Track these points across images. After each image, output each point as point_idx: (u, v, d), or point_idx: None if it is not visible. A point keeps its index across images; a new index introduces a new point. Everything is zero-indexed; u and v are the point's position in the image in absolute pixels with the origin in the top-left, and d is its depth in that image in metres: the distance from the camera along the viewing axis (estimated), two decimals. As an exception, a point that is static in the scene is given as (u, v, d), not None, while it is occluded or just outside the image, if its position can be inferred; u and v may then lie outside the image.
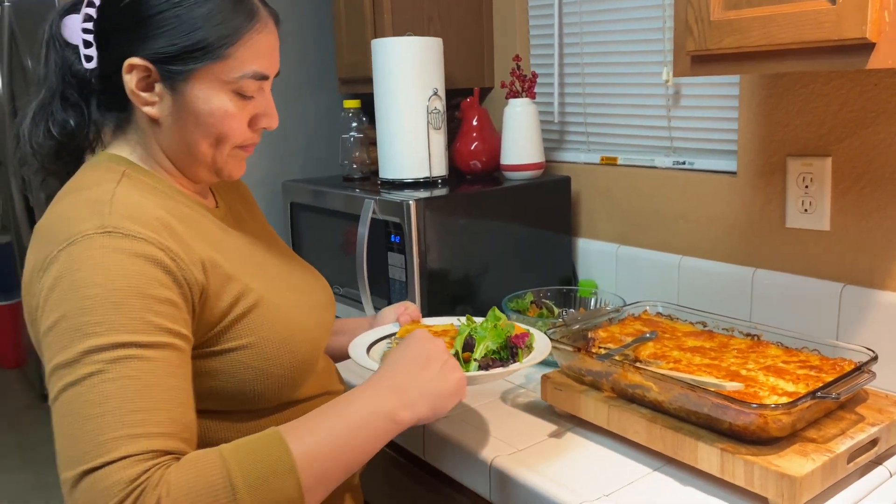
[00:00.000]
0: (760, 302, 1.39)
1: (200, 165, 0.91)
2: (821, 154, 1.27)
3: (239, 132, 0.90)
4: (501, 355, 1.06)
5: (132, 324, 0.73)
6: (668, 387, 0.99)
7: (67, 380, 0.71)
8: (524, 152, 1.66)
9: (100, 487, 0.66)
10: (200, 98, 0.86)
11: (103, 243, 0.76)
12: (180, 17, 0.84)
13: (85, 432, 0.68)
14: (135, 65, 0.84)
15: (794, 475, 0.86)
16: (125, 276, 0.75)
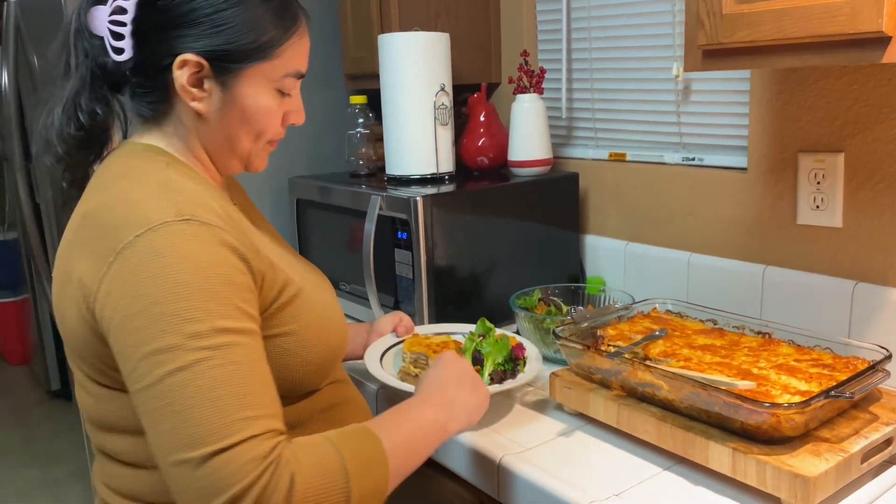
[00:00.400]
0: (771, 299, 1.37)
1: (235, 158, 0.95)
2: (833, 150, 1.26)
3: (275, 128, 0.94)
4: (506, 367, 1.18)
5: (225, 310, 0.75)
6: (679, 385, 0.98)
7: (173, 365, 0.71)
8: (532, 148, 1.65)
9: (234, 466, 0.69)
10: (249, 95, 0.89)
11: (185, 231, 0.77)
12: (238, 17, 0.86)
13: (205, 415, 0.70)
14: (188, 60, 0.86)
15: (808, 475, 0.85)
16: (212, 264, 0.76)
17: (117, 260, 0.76)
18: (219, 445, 0.69)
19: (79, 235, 0.82)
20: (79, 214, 0.84)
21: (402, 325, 1.29)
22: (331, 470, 0.75)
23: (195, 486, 0.69)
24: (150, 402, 0.72)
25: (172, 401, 0.71)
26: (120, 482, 0.87)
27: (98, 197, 0.83)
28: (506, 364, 1.18)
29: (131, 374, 0.74)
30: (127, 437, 0.84)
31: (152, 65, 0.87)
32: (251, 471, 0.69)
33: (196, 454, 0.69)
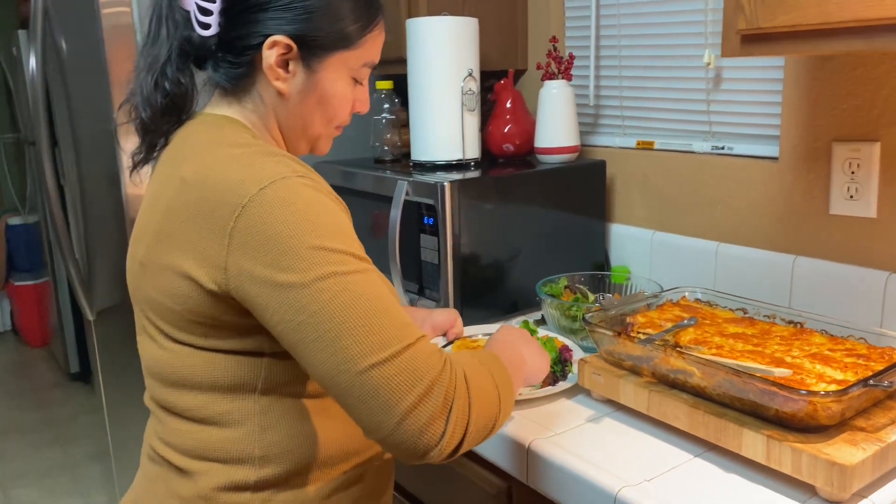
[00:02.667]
0: (800, 290, 1.36)
1: (305, 139, 0.98)
2: (869, 139, 1.24)
3: (345, 113, 0.98)
4: (555, 369, 1.20)
5: (354, 245, 0.82)
6: (712, 372, 0.98)
7: (336, 289, 0.76)
8: (559, 135, 1.64)
9: (424, 355, 0.77)
10: (329, 80, 0.93)
11: (305, 183, 0.81)
12: (330, 6, 0.90)
13: (382, 323, 0.77)
14: (278, 42, 0.88)
15: (845, 464, 0.84)
16: (334, 211, 0.82)
17: (244, 214, 0.78)
18: (403, 343, 0.77)
19: (182, 200, 0.83)
20: (175, 180, 0.85)
21: (453, 331, 1.32)
22: (480, 369, 0.84)
23: (394, 382, 0.75)
24: (320, 326, 0.76)
25: (345, 318, 0.76)
26: (185, 438, 0.88)
27: (198, 161, 0.85)
28: (555, 366, 1.20)
29: (290, 310, 0.76)
30: (199, 393, 0.86)
31: (242, 42, 0.89)
32: (437, 361, 0.78)
33: (385, 354, 0.75)
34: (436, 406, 0.75)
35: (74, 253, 2.19)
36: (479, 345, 1.30)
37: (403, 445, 0.75)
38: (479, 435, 0.81)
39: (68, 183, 2.31)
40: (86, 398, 3.64)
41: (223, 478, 0.86)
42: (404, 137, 1.79)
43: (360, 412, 0.76)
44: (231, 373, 0.85)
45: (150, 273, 0.86)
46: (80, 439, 3.25)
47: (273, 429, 0.86)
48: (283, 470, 0.87)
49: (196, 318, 0.83)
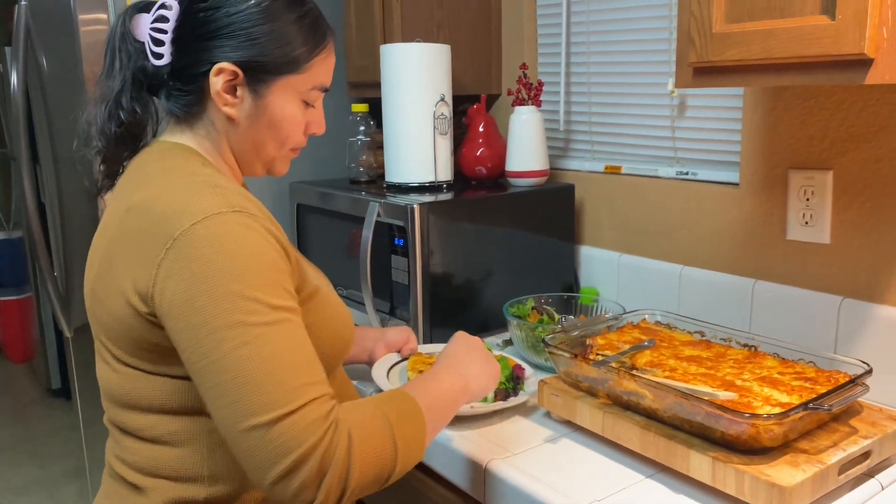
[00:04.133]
0: (760, 313, 1.39)
1: (259, 162, 1.00)
2: (822, 167, 1.28)
3: (298, 136, 1.00)
4: (508, 386, 1.23)
5: (276, 290, 0.82)
6: (663, 395, 1.00)
7: (238, 341, 0.78)
8: (529, 159, 1.67)
9: (299, 428, 0.76)
10: (277, 104, 0.95)
11: (238, 220, 0.83)
12: (273, 32, 0.92)
13: (271, 384, 0.77)
14: (224, 69, 0.91)
15: (785, 485, 0.87)
16: (263, 250, 0.83)
17: (174, 246, 0.80)
18: (285, 409, 0.76)
19: (125, 228, 0.86)
20: (121, 208, 0.89)
21: (407, 347, 1.36)
22: (378, 424, 0.83)
23: (267, 449, 0.76)
24: (218, 375, 0.78)
25: (238, 373, 0.77)
26: (137, 456, 0.91)
27: (144, 191, 0.88)
28: (507, 383, 1.23)
29: (195, 351, 0.79)
30: (149, 414, 0.89)
31: (190, 70, 0.92)
32: (316, 430, 0.77)
33: (265, 418, 0.76)
34: (307, 475, 0.76)
35: (53, 269, 2.20)
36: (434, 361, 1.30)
37: (280, 500, 0.77)
38: (366, 491, 0.82)
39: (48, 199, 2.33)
40: (66, 414, 3.63)
41: (173, 495, 0.88)
42: (379, 159, 1.82)
43: (242, 463, 0.78)
44: (178, 396, 0.87)
45: (99, 299, 0.89)
46: (58, 456, 3.23)
47: (222, 449, 0.88)
48: (232, 489, 0.89)
49: (141, 343, 0.85)
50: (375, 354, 1.35)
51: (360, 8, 1.87)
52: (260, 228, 0.84)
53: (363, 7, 1.85)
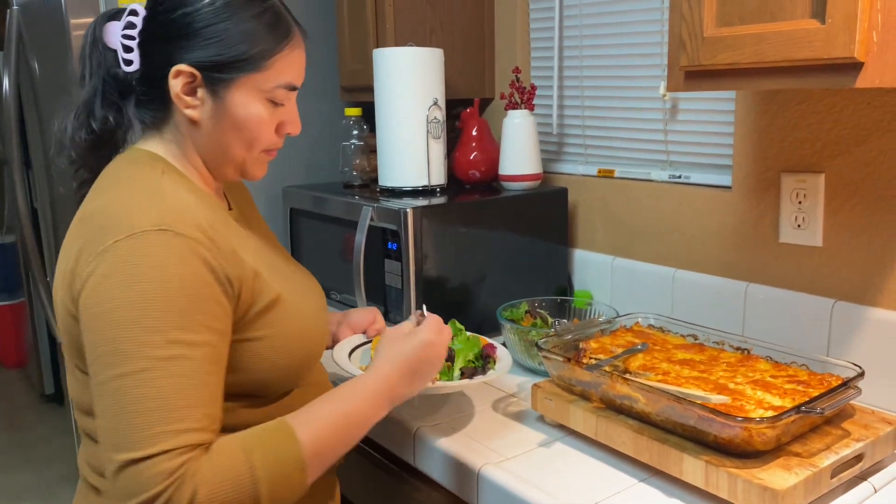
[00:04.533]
0: (753, 316, 1.39)
1: (229, 165, 0.98)
2: (814, 170, 1.28)
3: (267, 137, 0.97)
4: (476, 364, 1.21)
5: (183, 322, 0.80)
6: (655, 398, 1.00)
7: (120, 370, 0.77)
8: (522, 163, 1.67)
9: (144, 476, 0.75)
10: (239, 104, 0.93)
11: (160, 241, 0.81)
12: (228, 31, 0.90)
13: (134, 423, 0.76)
14: (181, 71, 0.90)
15: (777, 488, 0.87)
16: (179, 275, 0.81)
17: (97, 261, 0.81)
18: (135, 455, 0.76)
19: (74, 235, 0.89)
20: (77, 217, 0.91)
21: (374, 328, 1.30)
22: (239, 479, 0.80)
23: (116, 486, 0.77)
24: (98, 397, 0.79)
25: (113, 402, 0.78)
26: (95, 460, 0.93)
27: (96, 201, 0.89)
28: (476, 361, 1.22)
29: (89, 368, 0.81)
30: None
31: (153, 74, 0.92)
32: (157, 484, 0.75)
33: (118, 458, 0.76)
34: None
35: (46, 275, 2.20)
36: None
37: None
38: None
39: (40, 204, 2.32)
40: (59, 420, 3.61)
41: None
42: (373, 163, 1.82)
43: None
44: None
45: (57, 307, 0.90)
46: (52, 461, 3.22)
47: None
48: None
49: (81, 349, 0.86)
50: (338, 337, 1.30)
51: (352, 12, 1.87)
52: (184, 250, 0.82)
53: (356, 11, 1.85)
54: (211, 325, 0.83)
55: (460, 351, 1.21)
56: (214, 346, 0.84)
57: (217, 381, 0.84)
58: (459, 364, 1.20)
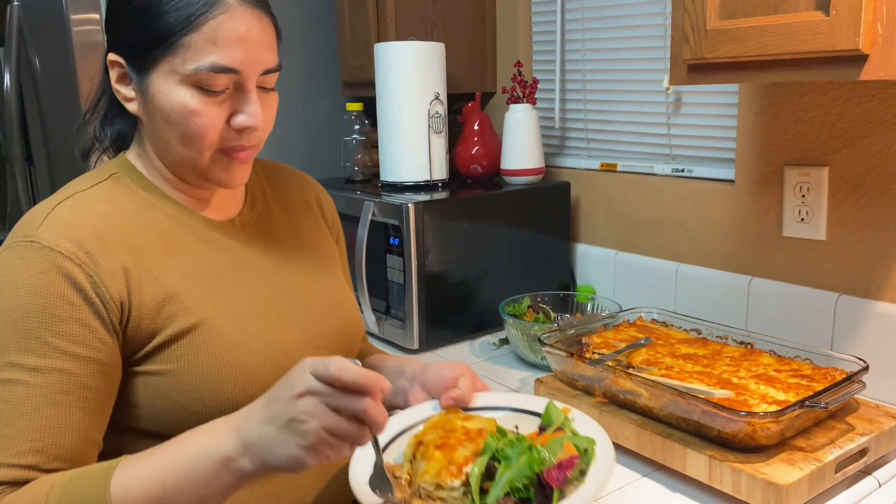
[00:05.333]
0: (756, 310, 1.39)
1: (184, 168, 0.87)
2: (818, 164, 1.28)
3: (209, 132, 0.82)
4: (526, 495, 0.77)
5: (27, 344, 0.74)
6: (659, 393, 1.00)
7: None
8: (524, 157, 1.67)
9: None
10: (160, 93, 0.81)
11: (21, 254, 0.77)
12: (138, 8, 0.81)
13: None
14: (112, 61, 0.85)
15: (781, 483, 0.86)
16: (31, 291, 0.75)
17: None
18: None
19: None
20: None
21: (449, 395, 0.92)
22: None
23: None
24: None
25: None
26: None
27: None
28: (530, 489, 0.77)
29: None
30: None
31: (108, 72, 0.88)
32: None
33: None
34: None
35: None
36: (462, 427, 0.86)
37: None
38: None
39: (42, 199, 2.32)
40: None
41: None
42: (375, 158, 1.81)
43: None
44: None
45: None
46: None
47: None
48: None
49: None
50: (409, 399, 0.98)
51: (353, 7, 1.86)
52: (43, 264, 0.76)
53: (356, 6, 1.84)
54: (67, 349, 0.75)
55: (505, 469, 0.78)
56: (70, 373, 0.75)
57: (67, 413, 0.75)
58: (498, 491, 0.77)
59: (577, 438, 0.83)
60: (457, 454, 0.81)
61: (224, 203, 0.95)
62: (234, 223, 0.95)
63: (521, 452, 0.79)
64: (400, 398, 1.00)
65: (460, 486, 0.78)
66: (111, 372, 0.79)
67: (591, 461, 0.81)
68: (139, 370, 0.82)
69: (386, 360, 1.08)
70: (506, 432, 0.85)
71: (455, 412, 0.92)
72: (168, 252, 0.85)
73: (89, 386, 0.77)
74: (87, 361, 0.77)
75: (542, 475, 0.77)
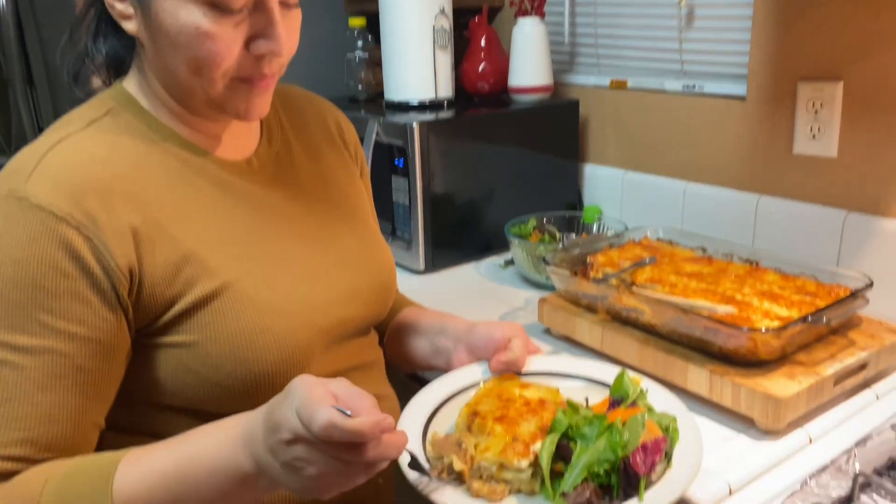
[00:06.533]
0: (764, 229, 1.38)
1: (194, 98, 0.77)
2: (833, 78, 1.24)
3: (224, 57, 0.72)
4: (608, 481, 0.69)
5: (14, 320, 0.66)
6: (662, 310, 1.01)
7: None
8: (532, 74, 1.63)
9: None
10: (167, 11, 0.70)
11: (7, 212, 0.67)
12: None
13: None
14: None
15: (780, 396, 0.88)
16: (19, 260, 0.66)
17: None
18: None
19: None
20: None
21: (500, 359, 0.86)
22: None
23: None
24: None
25: None
26: None
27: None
28: (609, 477, 0.68)
29: None
30: None
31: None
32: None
33: None
34: None
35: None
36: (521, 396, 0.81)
37: None
38: None
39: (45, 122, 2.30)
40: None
41: None
42: (378, 76, 1.77)
43: None
44: None
45: None
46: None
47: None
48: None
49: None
50: (453, 362, 0.91)
51: (355, -84, 1.78)
52: (36, 227, 0.66)
53: (358, -85, 1.77)
54: (61, 327, 0.67)
55: (583, 451, 0.70)
56: (64, 354, 0.67)
57: (61, 399, 0.67)
58: (575, 477, 0.68)
59: (657, 415, 0.76)
60: (521, 430, 0.73)
61: (238, 139, 0.85)
62: (251, 163, 0.84)
63: (600, 432, 0.70)
64: (441, 359, 0.93)
65: (528, 466, 0.71)
66: (113, 353, 0.71)
67: (674, 442, 0.73)
68: (160, 342, 0.73)
69: (423, 316, 0.99)
70: (578, 407, 0.77)
71: (510, 378, 0.86)
72: (181, 203, 0.75)
73: (87, 369, 0.69)
74: (84, 342, 0.68)
75: (628, 460, 0.68)
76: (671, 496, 0.67)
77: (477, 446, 0.74)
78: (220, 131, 0.83)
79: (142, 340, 0.74)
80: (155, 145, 0.77)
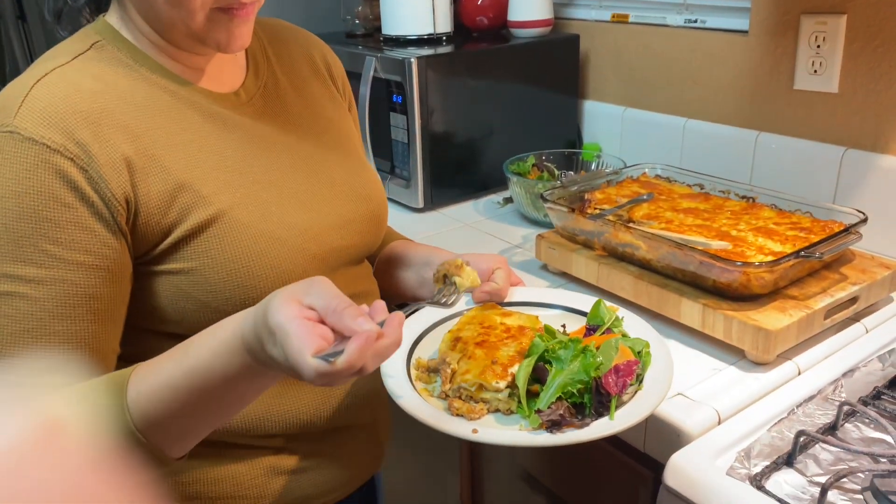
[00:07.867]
0: (762, 165, 1.38)
1: (175, 31, 0.76)
2: (836, 11, 1.22)
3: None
4: (581, 400, 0.72)
5: (22, 252, 0.66)
6: (657, 245, 1.02)
7: None
8: (532, 7, 1.60)
9: None
10: None
11: (1, 146, 0.67)
12: None
13: None
14: None
15: (770, 328, 0.90)
16: (19, 192, 0.66)
17: None
18: None
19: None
20: None
21: (483, 290, 0.89)
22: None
23: None
24: None
25: None
26: None
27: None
28: (583, 396, 0.72)
29: None
30: None
31: None
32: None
33: None
34: None
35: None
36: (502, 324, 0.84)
37: None
38: None
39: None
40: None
41: None
42: (376, 10, 1.74)
43: None
44: None
45: None
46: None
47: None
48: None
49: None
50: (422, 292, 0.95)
51: None
52: (32, 160, 0.66)
53: None
54: (68, 257, 0.68)
55: (557, 372, 0.73)
56: (75, 283, 0.68)
57: (78, 327, 0.68)
58: (549, 396, 0.72)
59: (630, 340, 0.79)
60: (500, 353, 0.77)
61: (224, 72, 0.85)
62: (239, 95, 0.85)
63: (574, 355, 0.73)
64: (427, 291, 0.95)
65: (506, 387, 0.74)
66: (121, 278, 0.72)
67: (646, 365, 0.77)
68: (158, 269, 0.75)
69: (411, 248, 1.02)
70: (554, 332, 0.80)
71: (491, 307, 0.89)
72: (172, 134, 0.76)
73: (98, 296, 0.70)
74: (92, 269, 0.69)
75: (601, 380, 0.71)
76: (640, 415, 0.70)
77: (457, 369, 0.77)
78: (205, 64, 0.83)
79: (140, 269, 0.75)
80: (142, 77, 0.77)
